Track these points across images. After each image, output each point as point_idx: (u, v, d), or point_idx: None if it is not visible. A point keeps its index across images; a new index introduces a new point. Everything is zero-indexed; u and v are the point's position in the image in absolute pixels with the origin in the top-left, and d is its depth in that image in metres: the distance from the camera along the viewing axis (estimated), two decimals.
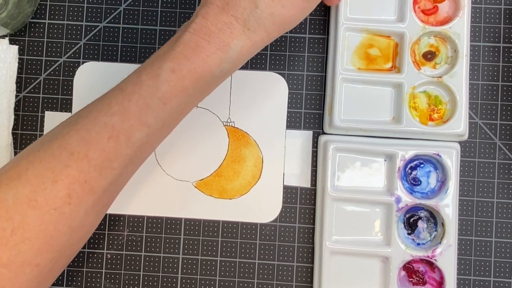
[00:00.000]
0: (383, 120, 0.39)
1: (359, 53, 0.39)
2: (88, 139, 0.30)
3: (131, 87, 0.31)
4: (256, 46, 0.32)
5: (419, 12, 0.40)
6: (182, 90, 0.31)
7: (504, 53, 0.41)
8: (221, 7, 0.31)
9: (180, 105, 0.32)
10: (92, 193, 0.31)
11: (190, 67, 0.30)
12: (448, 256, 0.37)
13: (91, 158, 0.30)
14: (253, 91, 0.41)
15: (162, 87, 0.30)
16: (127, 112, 0.31)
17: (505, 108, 0.40)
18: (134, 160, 0.32)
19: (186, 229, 0.40)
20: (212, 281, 0.40)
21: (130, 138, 0.31)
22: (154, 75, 0.31)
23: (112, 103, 0.31)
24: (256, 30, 0.31)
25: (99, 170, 0.30)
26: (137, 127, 0.31)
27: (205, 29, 0.30)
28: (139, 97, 0.31)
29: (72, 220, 0.30)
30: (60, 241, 0.30)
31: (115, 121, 0.30)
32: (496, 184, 0.40)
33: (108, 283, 0.40)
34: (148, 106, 0.31)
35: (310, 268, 0.40)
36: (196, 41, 0.30)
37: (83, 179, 0.30)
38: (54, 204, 0.30)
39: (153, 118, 0.31)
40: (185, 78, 0.30)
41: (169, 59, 0.30)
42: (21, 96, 0.41)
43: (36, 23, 0.42)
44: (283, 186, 0.40)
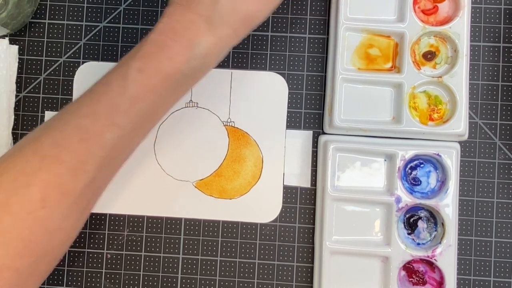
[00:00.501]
0: (383, 120, 0.39)
1: (359, 53, 0.39)
2: (60, 142, 0.30)
3: (100, 88, 0.31)
4: (223, 43, 0.32)
5: (419, 12, 0.40)
6: (150, 89, 0.31)
7: (504, 53, 0.41)
8: (186, 6, 0.31)
9: (150, 105, 0.32)
10: (67, 196, 0.30)
11: (157, 66, 0.31)
12: (448, 256, 0.37)
13: (64, 161, 0.30)
14: (253, 91, 0.41)
15: (130, 87, 0.31)
16: (96, 113, 0.31)
17: (505, 108, 0.40)
18: (108, 162, 0.32)
19: (186, 229, 0.40)
20: (212, 281, 0.40)
21: (101, 139, 0.31)
22: (122, 75, 0.31)
23: (82, 105, 0.31)
24: (221, 26, 0.31)
25: (72, 172, 0.30)
26: (108, 128, 0.31)
27: (171, 28, 0.31)
28: (108, 98, 0.31)
29: (48, 224, 0.30)
30: (38, 245, 0.30)
31: (86, 123, 0.31)
32: (496, 184, 0.40)
33: (108, 283, 0.40)
34: (117, 107, 0.31)
35: (310, 268, 0.40)
36: (162, 40, 0.31)
37: (57, 182, 0.30)
38: (28, 208, 0.29)
39: (123, 118, 0.31)
40: (152, 77, 0.31)
41: (136, 59, 0.31)
42: (21, 96, 0.41)
43: (36, 23, 0.42)
44: (283, 186, 0.40)
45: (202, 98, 0.41)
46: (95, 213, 0.40)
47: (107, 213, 0.40)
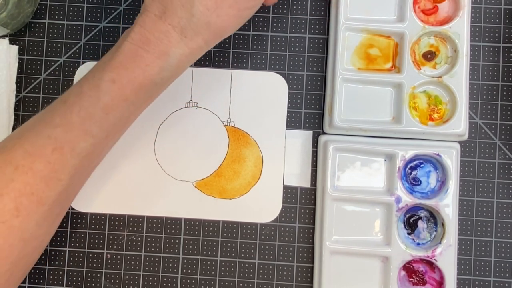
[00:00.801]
0: (383, 120, 0.39)
1: (359, 53, 0.39)
2: (32, 152, 0.31)
3: (73, 98, 0.31)
4: (194, 54, 0.32)
5: (419, 12, 0.40)
6: (123, 99, 0.31)
7: (504, 53, 0.41)
8: (158, 16, 0.31)
9: (123, 114, 0.32)
10: (41, 204, 0.31)
11: (130, 76, 0.31)
12: (448, 256, 0.37)
13: (37, 171, 0.30)
14: (253, 91, 0.41)
15: (104, 97, 0.31)
16: (70, 123, 0.31)
17: (505, 108, 0.40)
18: (81, 170, 0.33)
19: (186, 229, 0.40)
20: (212, 281, 0.40)
21: (74, 148, 0.31)
22: (95, 85, 0.31)
23: (55, 115, 0.31)
24: (194, 38, 0.31)
25: (45, 181, 0.31)
26: (81, 138, 0.31)
27: (143, 38, 0.31)
28: (81, 108, 0.31)
29: (22, 232, 0.31)
30: (12, 253, 0.31)
31: (58, 133, 0.31)
32: (496, 184, 0.40)
33: (108, 283, 0.40)
34: (91, 117, 0.31)
35: (310, 268, 0.40)
36: (135, 50, 0.31)
37: (30, 192, 0.30)
38: (2, 217, 0.30)
39: (96, 128, 0.31)
40: (125, 88, 0.31)
41: (109, 70, 0.31)
42: (21, 96, 0.41)
43: (36, 23, 0.42)
44: (283, 186, 0.40)
45: (202, 98, 0.41)
46: (95, 213, 0.40)
47: (107, 213, 0.40)
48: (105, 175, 0.40)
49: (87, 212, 0.40)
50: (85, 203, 0.40)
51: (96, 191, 0.40)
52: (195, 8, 0.30)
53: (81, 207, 0.40)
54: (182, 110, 0.41)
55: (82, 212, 0.40)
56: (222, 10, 0.31)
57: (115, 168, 0.40)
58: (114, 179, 0.40)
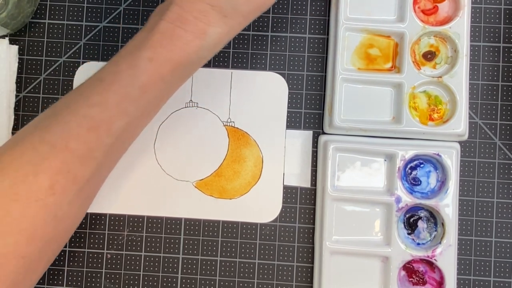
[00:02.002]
0: (383, 120, 0.39)
1: (359, 53, 0.39)
2: (69, 131, 0.30)
3: (110, 77, 0.31)
4: (233, 31, 0.32)
5: (419, 12, 0.40)
6: (160, 78, 0.31)
7: (504, 53, 0.41)
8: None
9: (159, 93, 0.32)
10: (75, 183, 0.31)
11: (168, 56, 0.30)
12: (448, 256, 0.37)
13: (73, 149, 0.30)
14: (253, 91, 0.41)
15: (141, 76, 0.30)
16: (106, 102, 0.31)
17: (505, 108, 0.40)
18: (115, 149, 0.33)
19: (186, 229, 0.40)
20: (212, 281, 0.40)
21: (110, 127, 0.31)
22: (133, 64, 0.31)
23: (91, 94, 0.31)
24: (233, 16, 0.31)
25: (81, 160, 0.31)
26: (117, 117, 0.31)
27: (181, 17, 0.30)
28: (118, 87, 0.31)
29: (56, 210, 0.30)
30: (45, 232, 0.30)
31: (95, 112, 0.31)
32: (496, 184, 0.40)
33: (108, 283, 0.40)
34: (127, 96, 0.31)
35: (310, 268, 0.40)
36: (172, 29, 0.30)
37: (66, 170, 0.30)
38: (37, 196, 0.30)
39: (133, 107, 0.31)
40: (163, 66, 0.31)
41: (147, 48, 0.31)
42: (21, 96, 0.41)
43: (36, 23, 0.42)
44: (283, 186, 0.40)
45: (202, 98, 0.41)
46: (95, 213, 0.40)
47: (107, 213, 0.40)
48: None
49: (87, 212, 0.40)
50: None
51: None
52: None
53: None
54: (182, 110, 0.41)
55: None
56: None
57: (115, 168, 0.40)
58: (114, 179, 0.40)
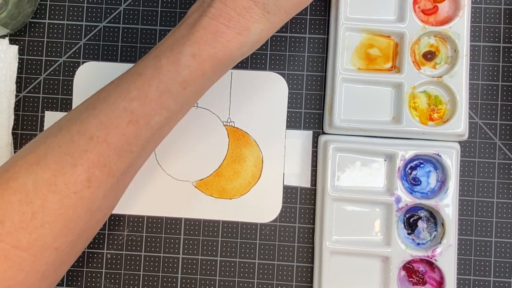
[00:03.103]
0: (383, 120, 0.39)
1: (359, 53, 0.39)
2: (108, 124, 0.30)
3: (150, 71, 0.31)
4: (275, 28, 0.32)
5: (419, 12, 0.40)
6: (201, 74, 0.31)
7: (504, 53, 0.41)
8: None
9: (198, 88, 0.32)
10: (111, 176, 0.31)
11: (211, 52, 0.30)
12: (448, 256, 0.37)
13: (111, 142, 0.30)
14: (253, 91, 0.41)
15: (183, 72, 0.31)
16: (147, 97, 0.31)
17: (505, 108, 0.40)
18: (152, 142, 0.33)
19: (186, 229, 0.40)
20: (212, 281, 0.40)
21: (149, 122, 0.31)
22: (175, 59, 0.31)
23: (131, 87, 0.31)
24: (276, 13, 0.31)
25: (118, 153, 0.31)
26: (157, 111, 0.31)
27: (225, 14, 0.30)
28: (159, 82, 0.31)
29: (91, 203, 0.31)
30: (79, 224, 0.31)
31: (135, 106, 0.31)
32: (496, 184, 0.40)
33: (108, 283, 0.40)
34: (168, 91, 0.31)
35: (310, 268, 0.40)
36: (216, 26, 0.30)
37: (103, 163, 0.30)
38: (74, 188, 0.30)
39: (172, 102, 0.31)
40: (205, 63, 0.31)
41: (189, 44, 0.31)
42: (21, 96, 0.41)
43: (36, 23, 0.42)
44: (283, 186, 0.40)
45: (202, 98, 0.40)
46: None
47: None
48: None
49: None
50: None
51: None
52: None
53: None
54: None
55: None
56: None
57: None
58: None
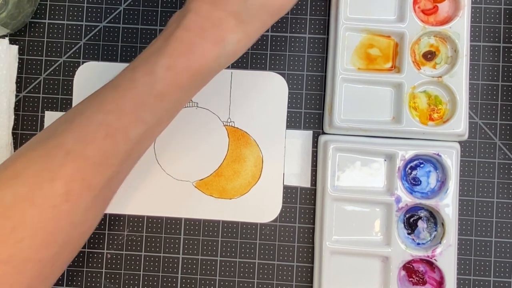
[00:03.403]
0: (383, 120, 0.39)
1: (359, 53, 0.39)
2: (84, 138, 0.30)
3: (126, 84, 0.31)
4: (252, 37, 0.32)
5: (419, 12, 0.40)
6: (178, 86, 0.31)
7: (504, 53, 0.41)
8: (212, 2, 0.30)
9: (176, 100, 0.32)
10: (91, 189, 0.31)
11: (186, 64, 0.30)
12: (448, 256, 0.37)
13: (88, 156, 0.30)
14: (253, 91, 0.41)
15: (158, 84, 0.30)
16: (123, 110, 0.30)
17: (505, 108, 0.40)
18: (132, 155, 0.32)
19: (186, 229, 0.40)
20: (212, 281, 0.40)
21: (127, 135, 0.31)
22: (149, 72, 0.30)
23: (107, 101, 0.31)
24: (250, 22, 0.31)
25: (96, 167, 0.30)
26: (134, 124, 0.31)
27: (199, 25, 0.30)
28: (134, 94, 0.30)
29: (72, 216, 0.30)
30: (60, 237, 0.30)
31: (111, 119, 0.30)
32: (496, 184, 0.40)
33: (108, 283, 0.40)
34: (144, 103, 0.30)
35: (310, 268, 0.40)
36: (190, 37, 0.30)
37: (81, 177, 0.30)
38: (53, 202, 0.30)
39: (149, 114, 0.31)
40: (181, 75, 0.30)
41: (164, 56, 0.30)
42: (21, 96, 0.41)
43: (36, 23, 0.42)
44: (283, 186, 0.40)
45: (202, 98, 0.41)
46: None
47: (107, 213, 0.40)
48: None
49: None
50: None
51: None
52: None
53: None
54: (182, 110, 0.41)
55: None
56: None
57: None
58: None
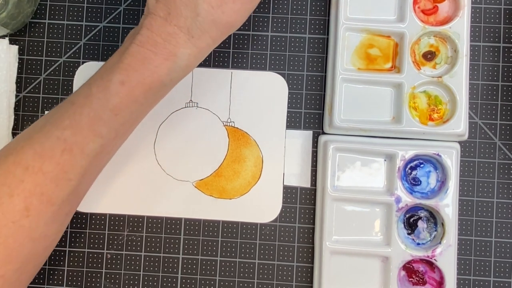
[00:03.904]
0: (383, 120, 0.39)
1: (359, 53, 0.39)
2: (42, 153, 0.31)
3: (81, 100, 0.32)
4: (203, 52, 0.33)
5: (419, 12, 0.40)
6: (132, 101, 0.32)
7: (504, 53, 0.41)
8: (164, 18, 0.31)
9: (132, 114, 0.32)
10: (50, 204, 0.31)
11: (139, 78, 0.31)
12: (448, 256, 0.37)
13: (46, 172, 0.31)
14: (253, 91, 0.41)
15: (113, 99, 0.31)
16: (79, 125, 0.31)
17: (505, 108, 0.40)
18: (91, 170, 0.33)
19: (186, 229, 0.40)
20: (212, 281, 0.40)
21: (84, 150, 0.31)
22: (104, 87, 0.31)
23: (64, 116, 0.32)
24: (201, 37, 0.32)
25: (55, 182, 0.31)
26: (90, 139, 0.31)
27: (151, 40, 0.31)
28: (90, 110, 0.31)
29: (32, 232, 0.31)
30: (22, 252, 0.31)
31: (67, 135, 0.31)
32: (496, 184, 0.40)
33: (108, 283, 0.40)
34: (99, 118, 0.31)
35: (310, 268, 0.40)
36: (143, 53, 0.31)
37: (39, 192, 0.31)
38: (12, 217, 0.30)
39: (105, 129, 0.32)
40: (134, 89, 0.31)
41: (118, 72, 0.31)
42: (21, 96, 0.41)
43: (36, 23, 0.42)
44: (283, 186, 0.40)
45: (202, 98, 0.41)
46: (95, 213, 0.40)
47: (107, 213, 0.40)
48: (105, 175, 0.40)
49: (87, 212, 0.40)
50: (85, 203, 0.40)
51: (96, 191, 0.40)
52: (199, 7, 0.31)
53: (81, 207, 0.40)
54: (182, 110, 0.41)
55: (82, 212, 0.40)
56: (226, 5, 0.31)
57: (115, 168, 0.40)
58: (114, 179, 0.40)
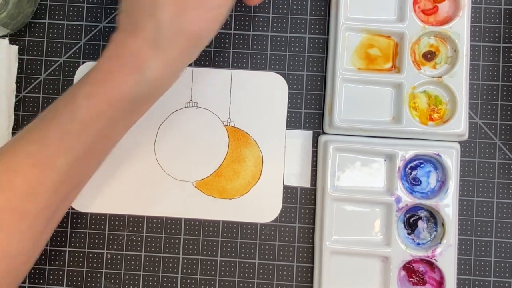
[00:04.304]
0: (383, 120, 0.39)
1: (359, 53, 0.39)
2: (11, 168, 0.31)
3: (50, 114, 0.32)
4: (173, 65, 0.32)
5: (419, 12, 0.40)
6: (99, 114, 0.31)
7: (504, 53, 0.41)
8: (129, 31, 0.31)
9: (102, 129, 0.32)
10: (23, 219, 0.31)
11: (104, 91, 0.31)
12: (448, 256, 0.37)
13: (16, 186, 0.30)
14: (253, 91, 0.41)
15: (79, 112, 0.31)
16: (47, 139, 0.31)
17: (505, 108, 0.40)
18: (65, 184, 0.32)
19: (186, 229, 0.40)
20: (212, 281, 0.40)
21: (53, 164, 0.31)
22: (71, 101, 0.31)
23: (34, 131, 0.32)
24: (168, 48, 0.31)
25: (25, 197, 0.31)
26: (59, 153, 0.31)
27: (117, 53, 0.31)
28: (58, 123, 0.31)
29: (6, 248, 0.30)
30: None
31: (36, 149, 0.31)
32: (496, 184, 0.40)
33: (108, 283, 0.40)
34: (68, 132, 0.31)
35: (310, 268, 0.40)
36: (109, 66, 0.31)
37: (9, 207, 0.30)
38: None
39: (74, 143, 0.31)
40: (100, 102, 0.31)
41: (84, 86, 0.31)
42: (21, 96, 0.41)
43: (36, 23, 0.42)
44: (283, 186, 0.40)
45: (202, 98, 0.41)
46: (95, 213, 0.40)
47: (107, 213, 0.40)
48: (105, 175, 0.40)
49: (87, 212, 0.40)
50: (85, 203, 0.40)
51: (96, 191, 0.40)
52: (161, 17, 0.30)
53: (81, 207, 0.40)
54: (182, 110, 0.41)
55: (82, 212, 0.40)
56: (189, 13, 0.30)
57: (115, 168, 0.40)
58: (114, 179, 0.40)
